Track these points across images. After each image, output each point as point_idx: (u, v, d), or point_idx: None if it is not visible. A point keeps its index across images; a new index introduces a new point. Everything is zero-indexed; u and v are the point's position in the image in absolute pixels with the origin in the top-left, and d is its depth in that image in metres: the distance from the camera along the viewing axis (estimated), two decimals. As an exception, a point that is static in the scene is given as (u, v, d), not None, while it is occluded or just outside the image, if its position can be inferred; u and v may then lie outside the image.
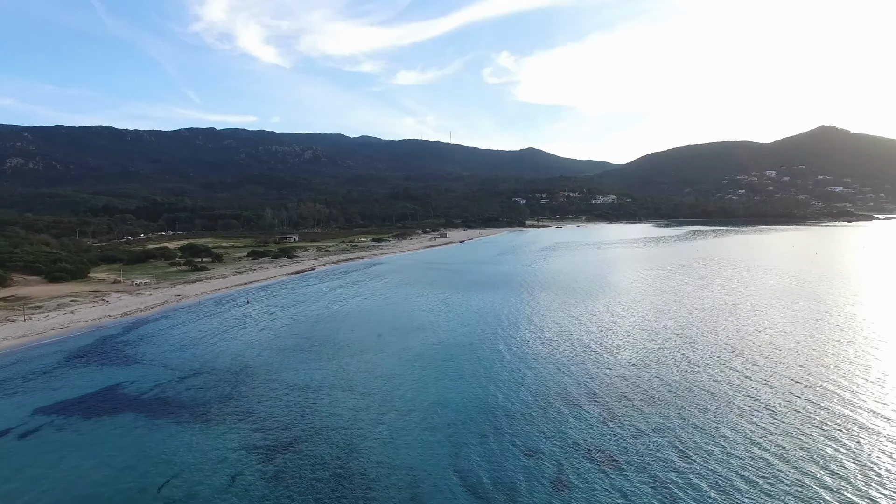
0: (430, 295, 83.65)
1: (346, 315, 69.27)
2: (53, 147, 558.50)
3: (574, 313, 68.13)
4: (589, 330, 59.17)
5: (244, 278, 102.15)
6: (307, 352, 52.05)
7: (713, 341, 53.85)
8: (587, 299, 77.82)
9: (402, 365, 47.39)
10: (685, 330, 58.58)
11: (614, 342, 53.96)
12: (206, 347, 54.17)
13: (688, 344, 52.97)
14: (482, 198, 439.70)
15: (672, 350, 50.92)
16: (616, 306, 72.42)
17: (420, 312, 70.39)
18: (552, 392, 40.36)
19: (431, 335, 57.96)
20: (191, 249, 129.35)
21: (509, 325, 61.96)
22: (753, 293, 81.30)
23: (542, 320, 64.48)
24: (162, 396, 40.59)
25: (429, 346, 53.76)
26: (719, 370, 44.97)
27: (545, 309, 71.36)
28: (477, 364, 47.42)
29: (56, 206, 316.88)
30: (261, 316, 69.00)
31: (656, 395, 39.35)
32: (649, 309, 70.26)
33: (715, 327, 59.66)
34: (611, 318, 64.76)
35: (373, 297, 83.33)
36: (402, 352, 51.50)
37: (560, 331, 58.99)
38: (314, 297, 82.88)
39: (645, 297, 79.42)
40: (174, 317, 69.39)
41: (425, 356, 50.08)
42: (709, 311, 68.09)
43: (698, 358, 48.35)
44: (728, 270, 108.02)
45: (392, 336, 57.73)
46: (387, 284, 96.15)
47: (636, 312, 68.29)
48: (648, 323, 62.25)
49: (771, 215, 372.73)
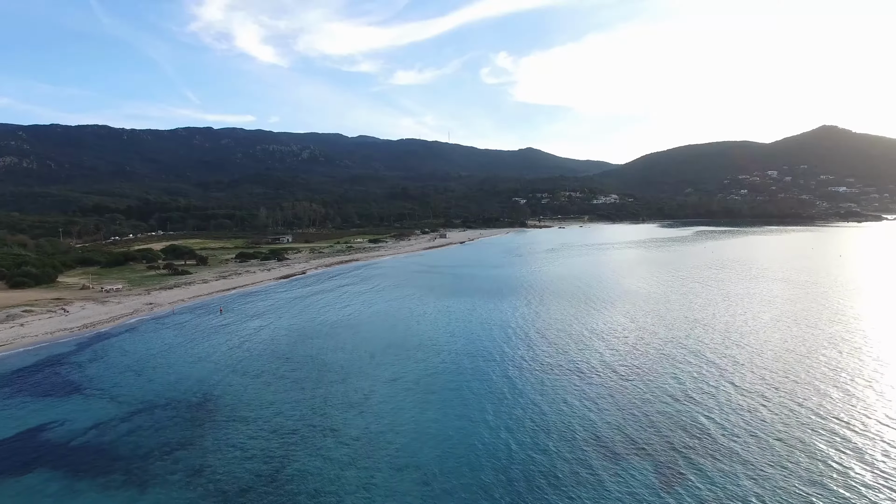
0: (431, 304, 75.51)
1: (336, 329, 61.10)
2: (48, 146, 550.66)
3: (595, 327, 60.04)
4: (614, 349, 51.08)
5: (227, 283, 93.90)
6: (285, 378, 43.88)
7: (769, 367, 45.75)
8: (607, 310, 69.74)
9: (398, 398, 39.22)
10: (728, 350, 50.49)
11: (647, 367, 45.81)
12: (167, 371, 45.97)
13: (736, 369, 44.87)
14: (482, 197, 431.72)
15: (719, 377, 42.83)
16: (641, 319, 64.31)
17: (419, 326, 62.24)
18: (580, 439, 32.22)
19: (432, 355, 49.82)
20: (173, 251, 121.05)
21: (522, 343, 53.84)
22: (795, 301, 73.36)
23: (559, 336, 56.37)
24: (96, 443, 32.36)
25: (429, 370, 45.60)
26: (788, 406, 36.86)
27: (561, 322, 63.25)
28: (486, 397, 39.29)
29: (48, 206, 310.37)
30: (238, 329, 60.77)
31: (715, 445, 31.21)
32: (680, 322, 62.15)
33: (764, 348, 51.59)
34: (638, 335, 56.63)
35: (367, 305, 75.17)
36: (397, 379, 43.34)
37: (580, 349, 50.92)
38: (301, 306, 74.69)
39: (670, 307, 71.33)
40: (140, 330, 61.16)
41: (425, 385, 41.93)
42: (751, 327, 59.99)
43: (755, 389, 40.25)
44: (751, 274, 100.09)
45: (387, 356, 49.58)
46: (383, 291, 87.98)
47: (666, 327, 60.17)
48: (683, 340, 54.14)
49: (776, 215, 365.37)
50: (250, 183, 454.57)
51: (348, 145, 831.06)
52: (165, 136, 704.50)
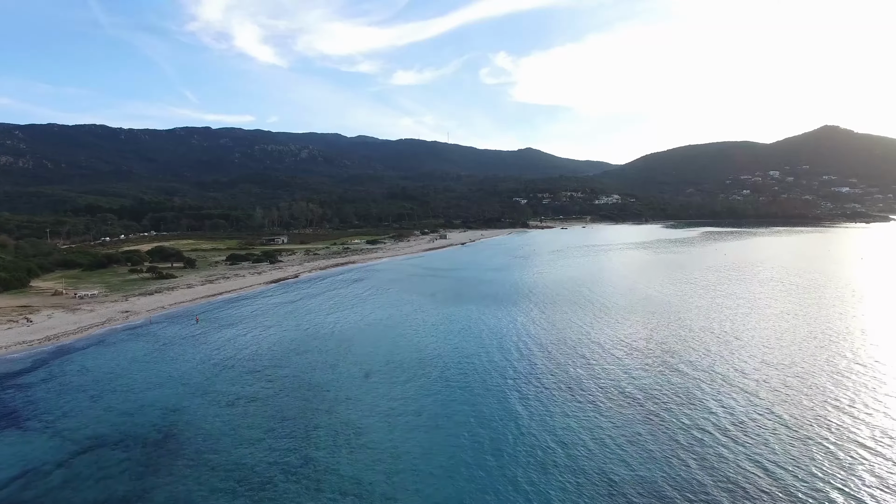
0: (432, 312, 69.15)
1: (327, 342, 54.71)
2: (45, 145, 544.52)
3: (613, 342, 53.69)
4: (638, 372, 44.73)
5: (213, 288, 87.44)
6: (263, 407, 37.50)
7: (829, 397, 39.45)
8: (624, 321, 63.36)
9: (396, 435, 32.86)
10: (767, 374, 44.19)
11: (680, 397, 39.47)
12: (128, 396, 39.59)
13: (784, 399, 38.56)
14: (482, 197, 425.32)
15: (767, 409, 36.50)
16: (663, 333, 57.96)
17: (420, 339, 55.87)
18: (619, 494, 25.91)
19: (435, 376, 43.48)
20: (159, 253, 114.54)
21: (538, 361, 47.51)
22: (825, 309, 67.12)
23: (576, 355, 50.04)
24: (19, 501, 25.98)
25: (433, 396, 39.26)
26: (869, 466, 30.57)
27: (576, 336, 56.89)
28: (499, 432, 33.00)
29: (42, 206, 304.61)
30: (217, 343, 54.36)
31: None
32: (707, 338, 55.79)
33: (816, 372, 45.30)
34: (664, 355, 50.25)
35: (362, 314, 68.77)
36: (395, 406, 37.00)
37: (600, 373, 44.59)
38: (290, 315, 68.28)
39: (693, 319, 64.97)
40: (108, 343, 54.74)
41: (429, 417, 35.57)
42: (793, 345, 53.70)
43: (815, 430, 33.96)
44: (773, 280, 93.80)
45: (383, 378, 43.23)
46: (380, 297, 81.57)
47: (697, 343, 53.81)
48: (716, 360, 47.83)
49: (781, 216, 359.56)
50: (248, 183, 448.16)
51: (347, 145, 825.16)
52: (163, 136, 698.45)
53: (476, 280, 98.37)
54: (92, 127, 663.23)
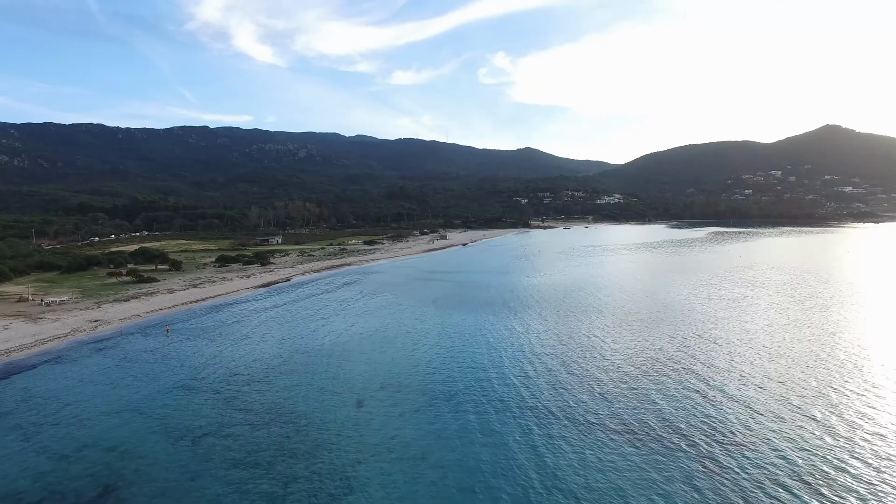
0: (434, 322, 62.51)
1: (315, 359, 48.06)
2: (41, 145, 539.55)
3: (637, 358, 47.09)
4: (672, 395, 38.16)
5: (197, 293, 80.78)
6: (233, 444, 30.84)
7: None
8: (650, 333, 56.71)
9: (395, 486, 26.24)
10: (822, 402, 37.65)
11: (728, 430, 32.90)
12: (71, 432, 32.89)
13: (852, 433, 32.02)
14: (482, 197, 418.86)
15: (829, 449, 29.96)
16: (695, 348, 51.30)
17: (421, 355, 49.23)
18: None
19: (440, 405, 36.81)
20: (143, 255, 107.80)
21: (557, 385, 40.89)
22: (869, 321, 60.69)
23: (602, 370, 43.45)
24: None
25: (437, 432, 32.59)
26: None
27: (600, 349, 50.27)
28: (517, 484, 26.37)
29: (35, 205, 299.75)
30: (190, 360, 47.69)
31: None
32: (747, 353, 49.21)
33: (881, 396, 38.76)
34: (703, 378, 43.63)
35: (357, 324, 62.14)
36: (394, 448, 30.34)
37: (628, 398, 38.00)
38: (277, 325, 61.62)
39: (723, 329, 58.37)
40: (66, 359, 48.07)
41: (434, 461, 28.92)
42: (846, 367, 47.20)
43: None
44: (798, 284, 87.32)
45: (379, 406, 36.58)
46: (376, 304, 74.92)
47: (736, 365, 47.26)
48: (757, 382, 41.28)
49: (787, 216, 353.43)
50: (245, 182, 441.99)
51: (346, 145, 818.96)
52: (161, 135, 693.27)
53: (480, 284, 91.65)
54: (89, 126, 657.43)
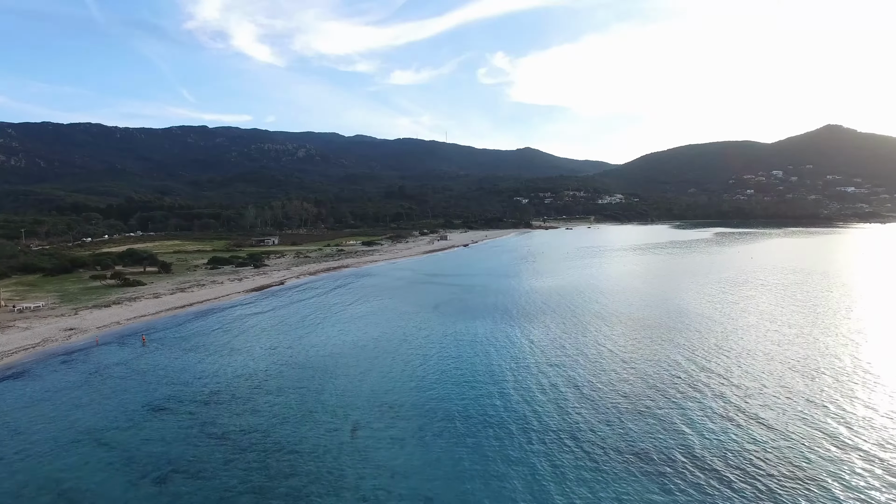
0: (437, 332, 57.78)
1: (305, 374, 43.34)
2: (38, 144, 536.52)
3: (666, 370, 42.42)
4: (711, 413, 33.46)
5: (184, 298, 76.03)
6: (203, 487, 26.10)
7: None
8: (671, 344, 51.98)
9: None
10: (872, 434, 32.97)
11: (777, 467, 28.22)
12: (18, 467, 28.15)
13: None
14: (482, 197, 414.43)
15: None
16: (726, 364, 46.61)
17: (422, 370, 44.52)
18: None
19: (446, 430, 32.08)
20: (130, 256, 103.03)
21: (571, 407, 36.17)
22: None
23: (620, 390, 38.72)
24: None
25: (444, 464, 27.86)
26: None
27: (615, 363, 45.55)
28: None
29: (30, 205, 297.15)
30: (166, 375, 42.95)
31: None
32: (777, 369, 44.57)
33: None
34: (726, 397, 38.89)
35: (353, 333, 57.43)
36: (394, 490, 25.62)
37: (658, 416, 33.29)
38: (266, 334, 56.90)
39: (749, 339, 53.66)
40: (31, 375, 43.31)
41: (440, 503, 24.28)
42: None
43: None
44: (826, 286, 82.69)
45: (377, 434, 31.84)
46: (374, 310, 70.20)
47: (768, 381, 42.56)
48: (809, 414, 36.62)
49: (791, 216, 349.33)
50: (244, 182, 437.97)
51: (345, 144, 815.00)
52: (159, 135, 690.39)
53: (485, 289, 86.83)
54: (87, 125, 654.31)
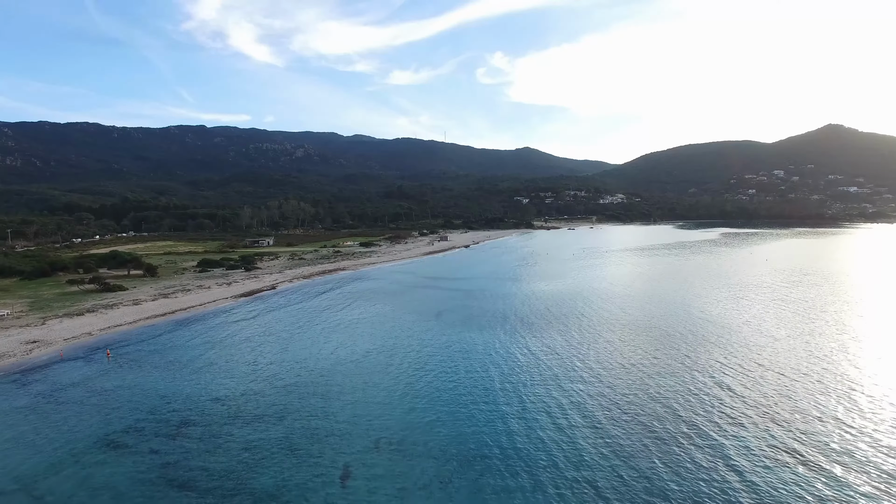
0: (439, 344, 52.41)
1: (290, 398, 37.92)
2: (35, 143, 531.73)
3: (696, 388, 37.07)
4: (770, 452, 28.15)
5: (166, 305, 70.60)
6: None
7: None
8: (703, 358, 46.66)
9: None
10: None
11: None
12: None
13: None
14: (482, 197, 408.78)
15: None
16: (761, 380, 41.30)
17: (426, 395, 39.08)
18: None
19: (454, 475, 26.71)
20: (114, 259, 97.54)
21: (598, 435, 30.84)
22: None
23: (649, 420, 33.38)
24: None
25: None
26: None
27: (642, 384, 40.20)
28: None
29: (23, 204, 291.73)
30: (129, 399, 37.52)
31: None
32: (836, 388, 39.29)
33: None
34: (783, 425, 33.67)
35: (346, 347, 52.04)
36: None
37: (708, 462, 27.96)
38: (249, 347, 51.47)
39: (791, 353, 48.41)
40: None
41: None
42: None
43: None
44: (855, 290, 77.39)
45: (373, 476, 26.45)
46: (371, 320, 64.80)
47: (818, 403, 37.22)
48: (850, 440, 31.32)
49: (795, 216, 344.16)
50: (241, 181, 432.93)
51: (343, 144, 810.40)
52: (157, 134, 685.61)
53: (489, 293, 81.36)
54: (84, 125, 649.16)
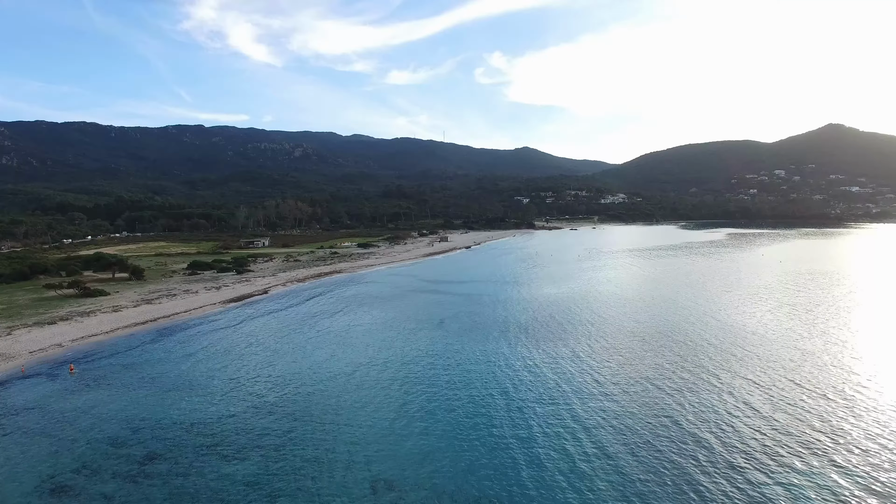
0: (443, 359, 47.52)
1: (273, 428, 33.03)
2: (31, 143, 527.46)
3: (747, 420, 32.26)
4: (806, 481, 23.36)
5: (148, 312, 65.67)
6: None
7: None
8: (737, 379, 41.88)
9: None
10: None
11: None
12: None
13: None
14: (482, 196, 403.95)
15: None
16: (816, 408, 36.56)
17: (431, 423, 34.21)
18: None
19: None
20: (97, 261, 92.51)
21: (623, 479, 25.98)
22: None
23: (684, 458, 28.57)
24: None
25: None
26: None
27: (670, 411, 35.39)
28: None
29: (18, 204, 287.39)
30: (92, 425, 32.62)
31: None
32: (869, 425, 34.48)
33: None
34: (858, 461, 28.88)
35: (339, 362, 47.14)
36: None
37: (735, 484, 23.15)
38: (233, 362, 46.50)
39: (839, 375, 43.67)
40: (-87, 425, 33.02)
41: None
42: None
43: None
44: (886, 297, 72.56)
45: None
46: (367, 329, 59.90)
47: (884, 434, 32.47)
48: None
49: (800, 216, 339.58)
50: (239, 181, 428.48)
51: (342, 144, 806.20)
52: (155, 134, 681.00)
53: (495, 299, 76.34)
54: (81, 125, 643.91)
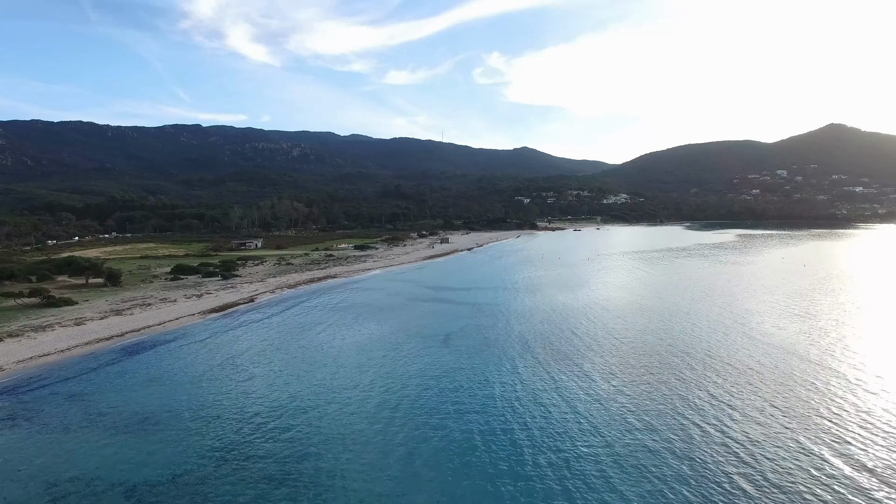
0: (450, 383, 40.39)
1: (245, 478, 25.92)
2: (27, 142, 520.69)
3: (795, 458, 25.34)
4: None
5: (116, 325, 58.32)
6: None
7: None
8: (793, 412, 34.94)
9: None
10: None
11: None
12: None
13: None
14: (482, 196, 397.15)
15: None
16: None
17: (433, 466, 27.15)
18: None
19: None
20: (69, 266, 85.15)
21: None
22: None
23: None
24: None
25: None
26: None
27: (723, 450, 28.38)
28: None
29: (10, 204, 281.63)
30: (18, 483, 25.58)
31: None
32: None
33: None
34: None
35: (332, 385, 39.96)
36: None
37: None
38: (205, 387, 39.30)
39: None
40: None
41: None
42: None
43: None
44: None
45: None
46: (362, 346, 52.73)
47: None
48: None
49: (806, 217, 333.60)
50: (236, 181, 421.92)
51: (340, 144, 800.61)
52: (152, 133, 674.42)
53: (505, 309, 68.97)
54: (78, 124, 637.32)
